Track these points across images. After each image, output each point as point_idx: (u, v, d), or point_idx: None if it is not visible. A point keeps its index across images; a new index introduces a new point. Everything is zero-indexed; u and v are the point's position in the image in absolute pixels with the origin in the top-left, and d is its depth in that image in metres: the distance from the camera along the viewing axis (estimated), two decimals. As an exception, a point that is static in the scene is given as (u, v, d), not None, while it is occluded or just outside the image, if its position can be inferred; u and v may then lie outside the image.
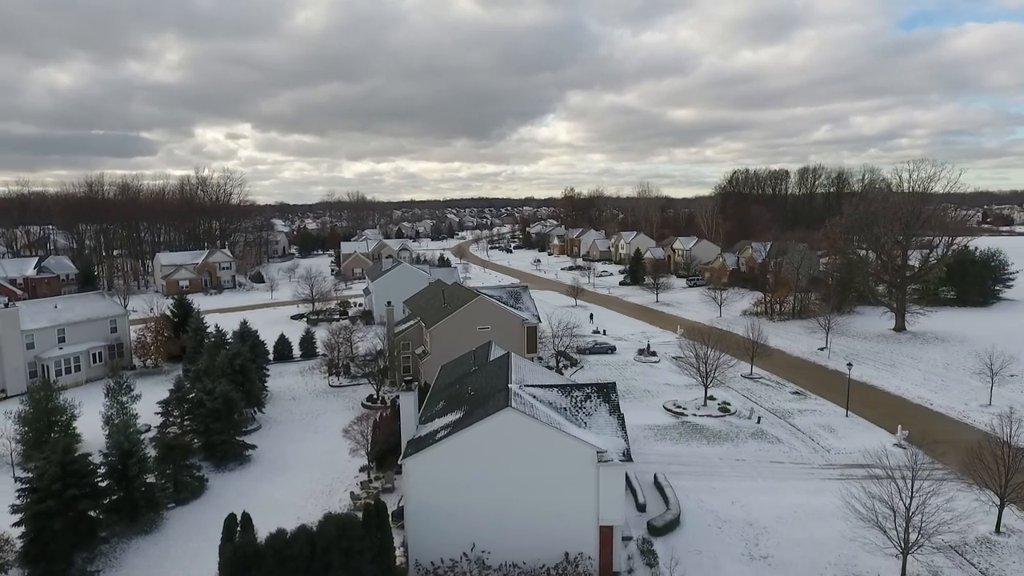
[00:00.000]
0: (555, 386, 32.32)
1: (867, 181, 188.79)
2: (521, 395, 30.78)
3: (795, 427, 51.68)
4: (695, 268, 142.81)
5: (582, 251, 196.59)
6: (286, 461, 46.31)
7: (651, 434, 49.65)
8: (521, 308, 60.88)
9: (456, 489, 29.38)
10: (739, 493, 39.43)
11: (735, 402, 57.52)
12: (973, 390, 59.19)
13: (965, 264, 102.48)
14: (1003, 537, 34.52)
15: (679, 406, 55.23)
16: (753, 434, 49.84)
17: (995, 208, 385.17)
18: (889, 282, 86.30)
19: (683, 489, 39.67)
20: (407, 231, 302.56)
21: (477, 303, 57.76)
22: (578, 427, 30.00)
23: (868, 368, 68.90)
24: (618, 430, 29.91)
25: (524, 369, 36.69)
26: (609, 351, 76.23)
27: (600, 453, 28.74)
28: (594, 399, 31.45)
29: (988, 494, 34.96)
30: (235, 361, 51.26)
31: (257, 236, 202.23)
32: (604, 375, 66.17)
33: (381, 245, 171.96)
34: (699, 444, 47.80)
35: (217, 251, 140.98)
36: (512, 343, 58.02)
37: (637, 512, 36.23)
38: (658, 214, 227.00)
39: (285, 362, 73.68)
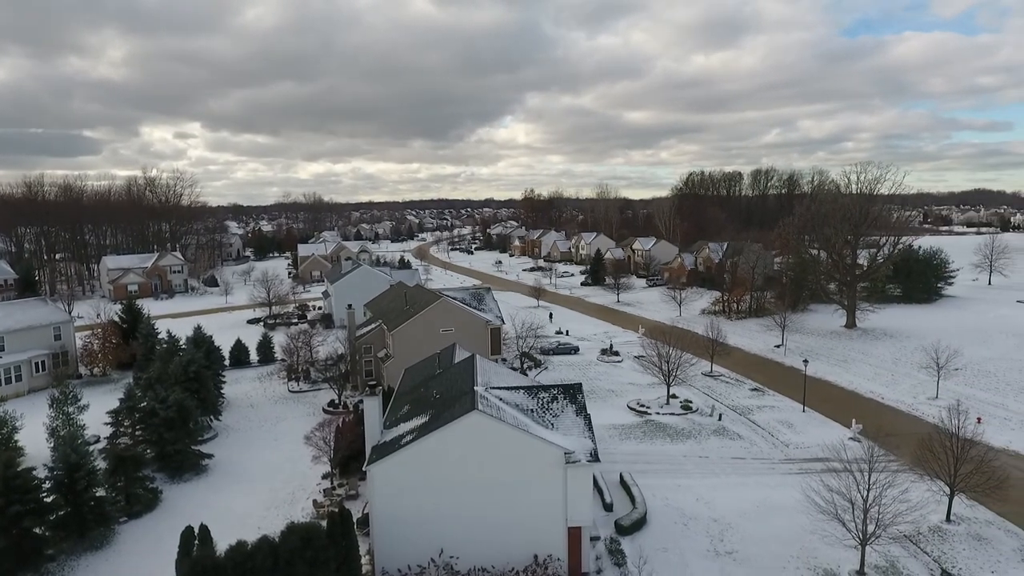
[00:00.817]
0: (521, 388, 32.15)
1: (816, 183, 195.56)
2: (487, 397, 30.49)
3: (755, 423, 52.75)
4: (655, 268, 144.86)
5: (543, 252, 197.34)
6: (245, 470, 44.95)
7: (616, 433, 49.96)
8: (484, 310, 60.58)
9: (422, 494, 28.90)
10: (703, 490, 39.96)
11: (697, 400, 58.38)
12: (921, 384, 61.46)
13: (910, 263, 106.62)
14: (953, 525, 35.83)
15: (643, 405, 55.77)
16: (715, 431, 50.64)
17: (934, 209, 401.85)
18: (839, 281, 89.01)
19: (649, 487, 39.97)
20: (366, 233, 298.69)
21: (440, 305, 57.22)
22: (545, 428, 29.88)
23: (822, 364, 70.88)
24: (585, 430, 29.91)
25: (489, 371, 36.40)
26: (573, 351, 76.55)
27: (568, 454, 28.68)
28: (560, 400, 31.39)
29: (939, 484, 36.21)
30: (189, 368, 49.54)
31: (210, 238, 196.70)
32: (568, 376, 66.36)
33: (340, 247, 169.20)
34: (663, 442, 48.31)
35: (168, 254, 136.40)
36: (476, 345, 57.71)
37: (604, 512, 36.34)
38: (617, 215, 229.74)
39: (242, 368, 71.69)
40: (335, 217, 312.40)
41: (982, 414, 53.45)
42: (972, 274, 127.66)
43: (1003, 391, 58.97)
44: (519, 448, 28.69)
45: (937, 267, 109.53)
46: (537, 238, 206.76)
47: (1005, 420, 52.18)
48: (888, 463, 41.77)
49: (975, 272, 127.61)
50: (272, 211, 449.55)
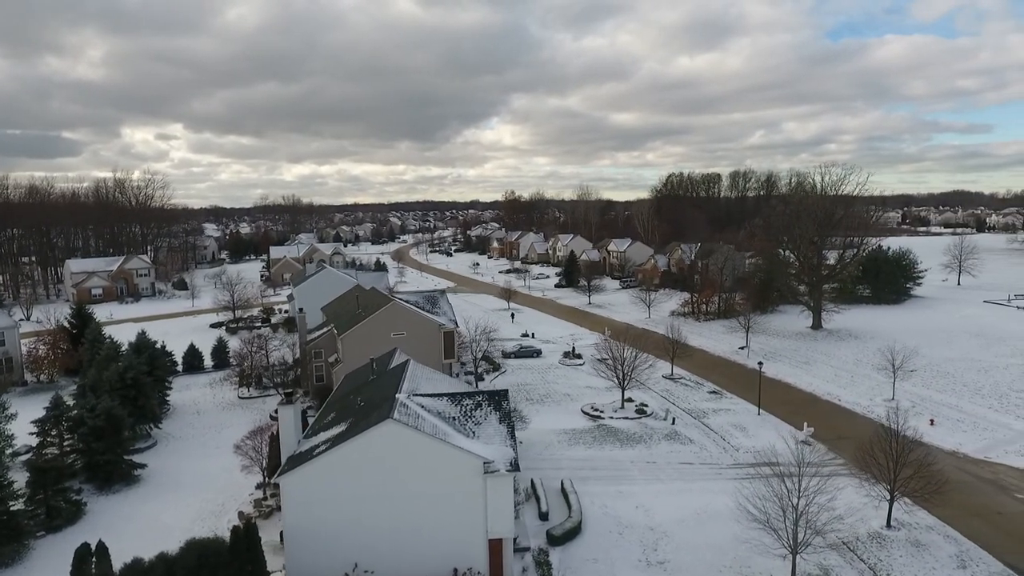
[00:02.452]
0: (445, 395, 31.14)
1: (794, 184, 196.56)
2: (408, 405, 29.46)
3: (708, 427, 52.08)
4: (629, 269, 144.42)
5: (521, 254, 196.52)
6: (179, 480, 43.56)
7: (566, 438, 49.06)
8: (438, 313, 59.51)
9: (337, 506, 27.80)
10: (645, 497, 39.13)
11: (653, 403, 57.67)
12: (879, 385, 61.12)
13: (879, 263, 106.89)
14: (893, 531, 35.24)
15: (597, 409, 54.93)
16: (667, 435, 49.90)
17: (914, 210, 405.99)
18: (806, 281, 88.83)
19: (590, 495, 39.12)
20: (346, 235, 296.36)
21: (391, 308, 56.08)
22: (466, 437, 28.90)
23: (784, 366, 70.51)
24: (507, 439, 28.95)
25: (420, 377, 35.38)
26: (535, 354, 75.64)
27: (487, 464, 27.70)
28: (485, 407, 30.42)
29: (880, 489, 35.62)
30: (126, 375, 48.02)
31: (183, 241, 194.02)
32: (526, 379, 65.49)
33: (312, 250, 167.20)
34: (612, 447, 47.47)
35: (134, 257, 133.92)
36: (429, 349, 56.71)
37: (540, 521, 35.40)
38: (597, 216, 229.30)
39: (195, 373, 70.17)
40: (315, 219, 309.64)
41: (936, 416, 53.22)
42: (942, 275, 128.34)
43: (959, 392, 58.77)
44: (436, 458, 27.69)
45: (906, 268, 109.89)
46: (515, 240, 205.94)
47: (958, 422, 51.87)
48: (835, 467, 41.40)
49: (945, 273, 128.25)
50: (254, 213, 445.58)
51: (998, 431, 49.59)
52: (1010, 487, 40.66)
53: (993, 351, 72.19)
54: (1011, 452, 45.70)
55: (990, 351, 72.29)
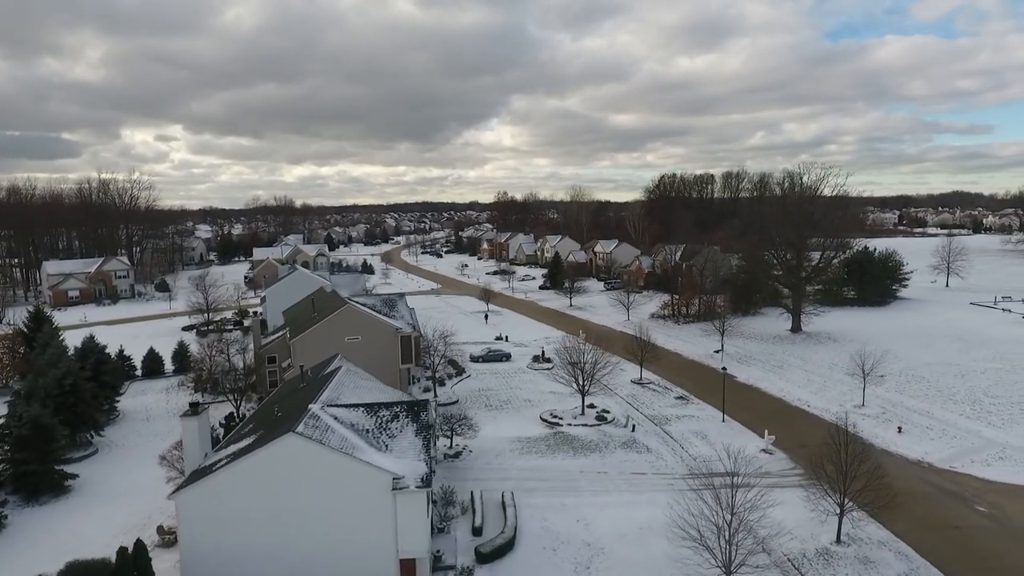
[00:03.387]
0: (361, 406, 29.54)
1: (787, 185, 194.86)
2: (320, 417, 27.90)
3: (669, 434, 50.45)
4: (615, 271, 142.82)
5: (511, 255, 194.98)
6: (113, 491, 41.98)
7: (519, 447, 47.44)
8: (395, 316, 57.92)
9: (238, 524, 26.23)
10: (590, 509, 37.50)
11: (616, 409, 56.06)
12: (851, 391, 59.43)
13: (863, 265, 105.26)
14: (842, 547, 33.62)
15: (556, 416, 53.32)
16: (624, 443, 48.27)
17: (912, 211, 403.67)
18: (785, 283, 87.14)
19: (532, 507, 37.53)
20: (338, 236, 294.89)
21: (344, 312, 54.49)
22: (378, 451, 27.32)
23: (757, 370, 68.89)
24: (421, 453, 27.36)
25: (347, 386, 33.82)
26: (503, 358, 74.03)
27: (396, 480, 26.11)
28: (402, 419, 28.84)
29: (830, 502, 33.99)
30: (64, 381, 46.47)
31: (171, 243, 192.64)
32: (488, 384, 63.91)
33: (296, 251, 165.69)
34: (565, 456, 45.84)
35: (113, 259, 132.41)
36: (385, 353, 55.15)
37: (472, 536, 33.79)
38: (589, 218, 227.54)
39: (155, 378, 68.65)
40: (308, 220, 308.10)
41: (906, 423, 51.60)
42: (930, 276, 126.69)
43: (932, 398, 57.10)
44: (342, 474, 26.12)
45: (892, 270, 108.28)
46: (505, 241, 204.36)
47: (927, 429, 50.21)
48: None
49: (933, 274, 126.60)
50: (249, 214, 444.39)
51: (967, 439, 47.93)
52: (971, 499, 39.01)
53: (973, 355, 70.55)
54: (977, 461, 44.05)
55: (970, 355, 70.65)
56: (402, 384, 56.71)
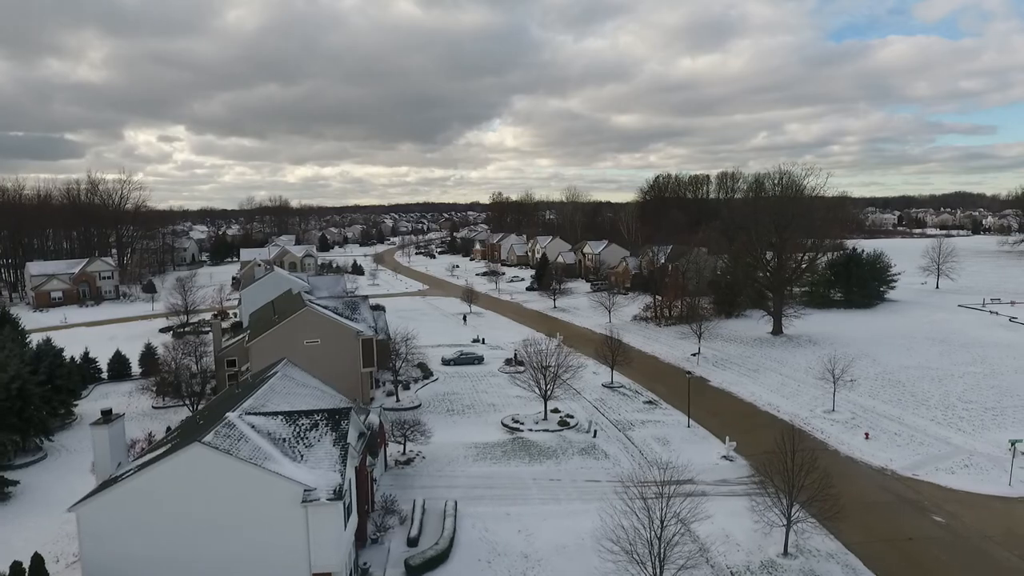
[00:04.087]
0: (280, 414, 28.58)
1: (783, 185, 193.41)
2: (236, 425, 26.95)
3: (631, 440, 49.37)
4: (604, 272, 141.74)
5: (502, 256, 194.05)
6: (50, 498, 40.97)
7: (474, 453, 46.40)
8: (357, 319, 56.98)
9: (144, 538, 25.27)
10: (534, 519, 36.45)
11: (581, 414, 55.03)
12: (824, 395, 58.17)
13: (850, 267, 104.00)
14: (789, 559, 32.50)
15: (517, 421, 52.28)
16: (583, 449, 47.21)
17: (912, 212, 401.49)
18: (765, 285, 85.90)
19: (475, 516, 36.53)
20: (334, 236, 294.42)
21: (303, 315, 53.59)
22: (292, 461, 26.34)
23: (732, 374, 67.76)
24: (337, 463, 26.36)
25: (279, 391, 32.87)
26: (476, 361, 72.99)
27: (307, 491, 25.12)
28: (321, 427, 27.85)
29: (777, 512, 32.89)
30: (12, 385, 45.59)
31: (162, 243, 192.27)
32: (455, 388, 62.90)
33: (283, 252, 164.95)
34: (519, 463, 44.78)
35: (97, 260, 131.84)
36: (345, 357, 54.28)
37: (407, 547, 32.78)
38: (583, 218, 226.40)
39: (121, 380, 67.83)
40: (304, 221, 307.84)
41: (874, 428, 50.44)
42: (920, 278, 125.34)
43: (905, 403, 55.88)
44: (250, 485, 25.14)
45: (880, 271, 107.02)
46: (497, 242, 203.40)
47: (895, 435, 49.00)
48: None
49: (924, 276, 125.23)
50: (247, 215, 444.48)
51: (934, 446, 46.74)
52: (930, 508, 37.85)
53: (953, 359, 69.33)
54: (941, 469, 42.87)
55: (950, 359, 69.43)
56: (363, 388, 55.85)
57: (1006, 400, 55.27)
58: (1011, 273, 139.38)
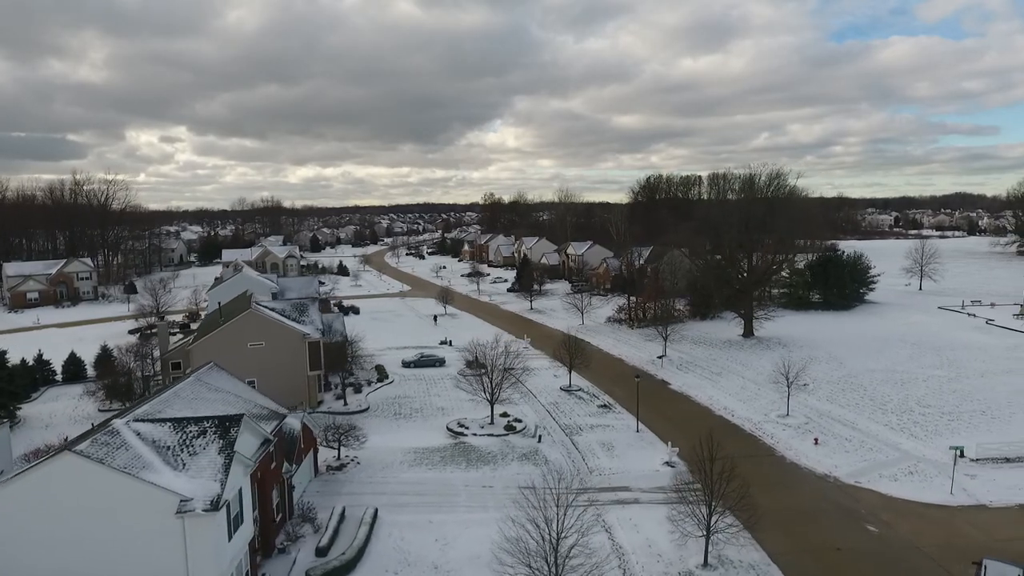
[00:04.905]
0: (170, 420, 27.69)
1: (775, 186, 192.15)
2: (120, 432, 26.14)
3: (575, 446, 48.41)
4: (585, 273, 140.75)
5: (490, 256, 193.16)
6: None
7: (411, 458, 45.47)
8: (304, 322, 56.12)
9: (13, 551, 24.39)
10: (455, 528, 35.50)
11: (532, 418, 54.11)
12: (783, 399, 57.22)
13: (828, 268, 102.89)
14: (708, 571, 31.53)
15: (463, 425, 51.37)
16: (525, 455, 46.27)
17: (910, 213, 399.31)
18: (737, 286, 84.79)
19: (396, 525, 35.63)
20: (326, 237, 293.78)
21: (246, 318, 52.77)
22: (173, 470, 25.46)
23: (694, 377, 66.76)
24: (219, 472, 25.48)
25: (185, 396, 32.04)
26: (437, 364, 72.06)
27: (183, 502, 24.23)
28: (209, 435, 26.96)
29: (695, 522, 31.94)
30: (-58, 388, 44.86)
31: (149, 244, 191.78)
32: (408, 391, 61.98)
33: (265, 253, 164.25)
34: (455, 469, 43.86)
35: (75, 261, 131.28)
36: (291, 360, 53.51)
37: (315, 557, 31.89)
38: (573, 219, 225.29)
39: (76, 383, 67.04)
40: (296, 221, 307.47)
41: (826, 433, 49.43)
42: (904, 279, 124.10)
43: (862, 407, 54.80)
44: (125, 495, 24.27)
45: (860, 272, 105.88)
46: (485, 243, 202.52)
47: (846, 441, 47.96)
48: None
49: (907, 277, 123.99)
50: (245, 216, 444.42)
51: (882, 452, 45.70)
52: (865, 517, 36.84)
53: (921, 362, 68.23)
54: (885, 476, 41.83)
55: (918, 362, 68.33)
56: (310, 391, 55.04)
57: (965, 405, 54.20)
58: (998, 275, 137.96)
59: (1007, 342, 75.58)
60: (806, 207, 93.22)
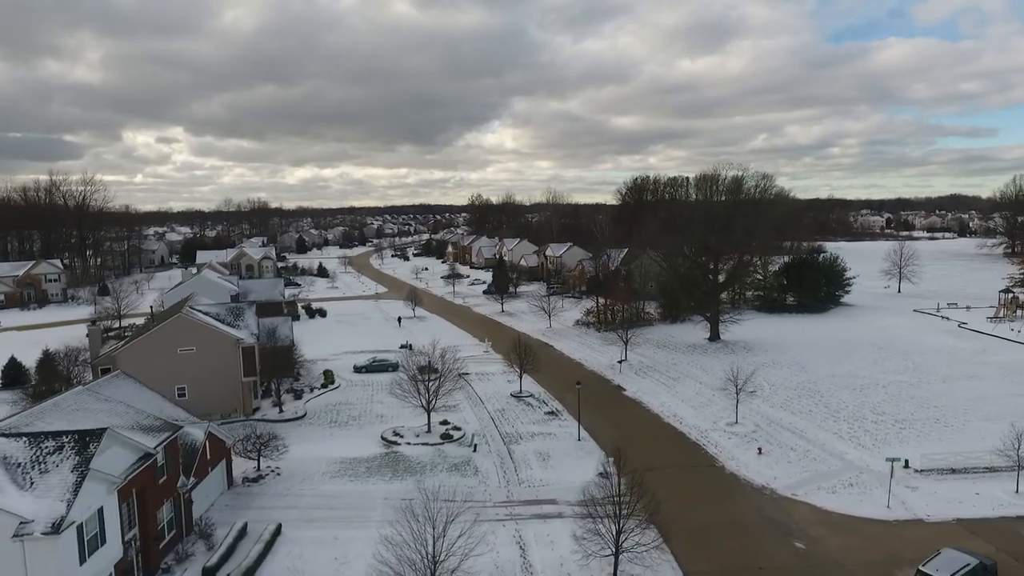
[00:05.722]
0: (28, 434, 25.95)
1: (762, 188, 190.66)
2: (-33, 448, 24.32)
3: (511, 455, 46.66)
4: (563, 275, 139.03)
5: (472, 258, 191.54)
6: None
7: (336, 469, 43.70)
8: (239, 326, 54.35)
9: None
10: (360, 544, 33.63)
11: (474, 426, 52.43)
12: (732, 406, 55.56)
13: (802, 270, 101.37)
14: (615, 592, 29.80)
15: (398, 434, 49.62)
16: (456, 465, 44.55)
17: (903, 215, 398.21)
18: (703, 290, 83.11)
19: (298, 542, 33.88)
20: (313, 238, 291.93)
21: (175, 322, 51.02)
22: (19, 489, 23.72)
23: (650, 382, 65.04)
24: (68, 492, 23.74)
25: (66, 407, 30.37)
26: (390, 368, 70.12)
27: (23, 524, 22.48)
28: (66, 451, 25.23)
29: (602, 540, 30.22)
30: None
31: (128, 245, 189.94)
32: (351, 397, 60.24)
33: (240, 254, 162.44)
34: (379, 481, 42.10)
35: (43, 262, 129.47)
36: (224, 366, 51.80)
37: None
38: (559, 220, 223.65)
39: (14, 388, 65.15)
40: (284, 222, 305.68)
41: (772, 442, 47.74)
42: (883, 281, 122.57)
43: (814, 415, 53.07)
44: (-42, 517, 22.48)
45: (836, 274, 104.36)
46: (468, 244, 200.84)
47: (790, 450, 46.23)
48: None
49: (886, 279, 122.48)
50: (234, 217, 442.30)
51: (825, 462, 43.97)
52: (795, 532, 35.13)
53: (885, 366, 66.57)
54: (824, 488, 40.11)
55: (882, 366, 66.67)
56: (244, 398, 53.28)
57: (920, 412, 52.51)
58: (980, 277, 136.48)
59: (975, 345, 74.01)
60: (791, 208, 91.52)
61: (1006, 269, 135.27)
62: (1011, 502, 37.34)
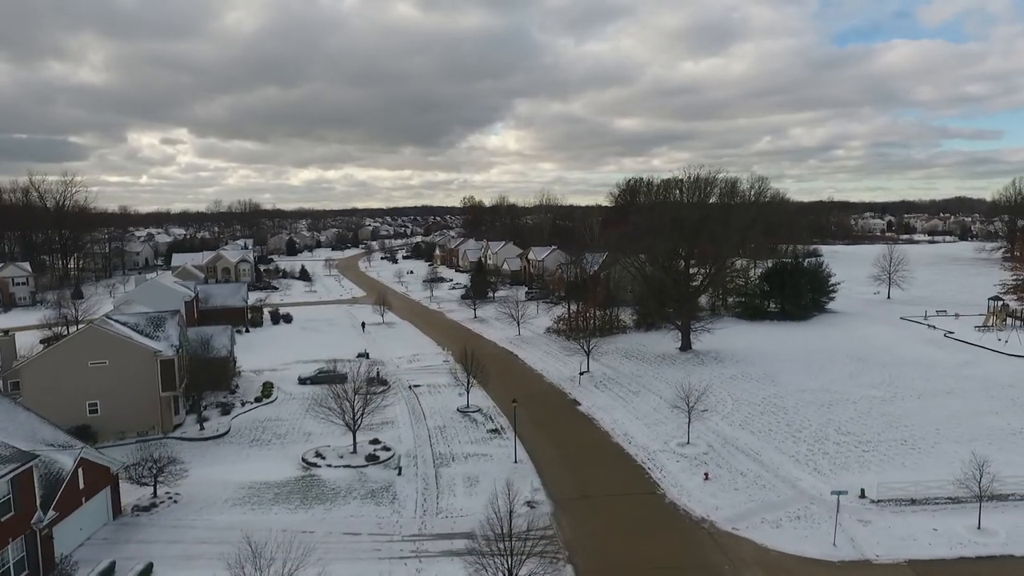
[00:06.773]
0: None
1: (757, 190, 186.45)
2: None
3: (437, 479, 43.15)
4: (544, 279, 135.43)
5: (459, 261, 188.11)
6: None
7: (241, 496, 40.25)
8: (159, 337, 50.99)
9: None
10: (237, 587, 30.25)
11: (408, 444, 49.01)
12: (693, 423, 51.91)
13: (784, 276, 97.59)
14: (506, 650, 26.25)
15: (320, 455, 46.16)
16: (372, 492, 41.06)
17: (906, 217, 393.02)
18: (674, 296, 79.34)
19: (169, 583, 30.47)
20: (304, 240, 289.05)
21: (86, 333, 47.81)
22: None
23: (607, 396, 61.41)
24: None
25: None
26: (338, 380, 66.32)
27: None
28: None
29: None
30: None
31: (109, 247, 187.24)
32: (283, 412, 56.85)
33: (217, 257, 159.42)
34: (284, 510, 38.61)
35: (10, 265, 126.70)
36: (141, 380, 48.55)
37: (42, 629, 26.75)
38: (550, 222, 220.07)
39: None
40: (276, 223, 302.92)
41: (724, 466, 44.12)
42: (872, 287, 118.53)
43: (774, 435, 49.35)
44: None
45: (821, 281, 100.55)
46: (455, 247, 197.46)
47: (739, 476, 42.56)
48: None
49: (875, 285, 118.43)
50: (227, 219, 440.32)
51: (776, 490, 40.30)
52: (728, 574, 31.49)
53: (860, 380, 62.86)
54: (767, 522, 36.44)
55: (857, 380, 62.95)
56: (163, 414, 49.92)
57: (887, 432, 48.79)
58: (974, 283, 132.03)
59: (958, 358, 70.08)
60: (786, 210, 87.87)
61: (1001, 275, 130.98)
62: (971, 540, 33.66)
